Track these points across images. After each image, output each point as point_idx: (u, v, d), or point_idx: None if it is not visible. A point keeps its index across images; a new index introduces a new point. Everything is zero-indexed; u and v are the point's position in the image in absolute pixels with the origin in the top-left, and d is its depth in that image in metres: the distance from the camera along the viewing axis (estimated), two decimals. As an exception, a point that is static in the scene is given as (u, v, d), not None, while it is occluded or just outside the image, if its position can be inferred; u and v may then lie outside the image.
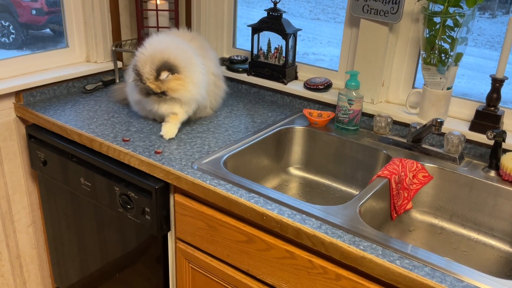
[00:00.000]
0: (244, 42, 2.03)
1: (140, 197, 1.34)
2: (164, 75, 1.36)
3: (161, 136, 1.44)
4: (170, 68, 1.38)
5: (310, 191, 1.54)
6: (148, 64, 1.38)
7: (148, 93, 1.41)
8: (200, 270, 1.34)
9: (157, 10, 1.82)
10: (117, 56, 1.91)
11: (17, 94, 1.66)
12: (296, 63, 1.81)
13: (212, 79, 1.59)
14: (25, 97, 1.67)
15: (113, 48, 1.86)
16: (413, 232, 1.34)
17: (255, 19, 1.78)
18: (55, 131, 1.54)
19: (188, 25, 1.97)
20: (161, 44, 1.42)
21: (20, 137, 1.72)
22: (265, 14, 1.75)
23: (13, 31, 2.69)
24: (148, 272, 1.50)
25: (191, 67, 1.43)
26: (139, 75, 1.39)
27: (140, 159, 1.32)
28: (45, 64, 1.80)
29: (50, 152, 1.58)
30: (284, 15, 1.73)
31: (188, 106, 1.47)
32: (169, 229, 1.39)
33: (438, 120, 1.27)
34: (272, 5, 1.73)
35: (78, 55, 1.90)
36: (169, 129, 1.45)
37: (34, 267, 1.93)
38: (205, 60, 1.54)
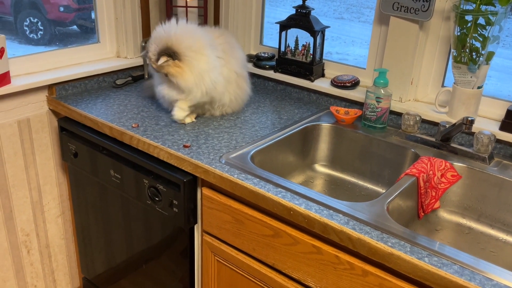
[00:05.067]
0: (267, 40, 2.04)
1: (168, 189, 1.37)
2: (161, 60, 1.39)
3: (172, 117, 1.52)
4: (171, 54, 1.40)
5: (336, 189, 1.54)
6: (154, 44, 1.41)
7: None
8: (226, 263, 1.36)
9: (186, 6, 1.84)
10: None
11: (50, 87, 1.71)
12: (323, 61, 1.81)
13: (234, 77, 1.58)
14: (58, 91, 1.71)
15: (143, 44, 1.89)
16: (440, 231, 1.33)
17: (278, 18, 1.79)
18: (87, 124, 1.58)
19: (216, 21, 1.99)
20: (176, 29, 1.43)
21: (52, 129, 1.77)
22: (288, 13, 1.76)
23: (41, 28, 2.75)
24: (173, 265, 1.52)
25: (196, 57, 1.43)
26: (147, 52, 1.44)
27: (169, 152, 1.35)
28: (77, 59, 1.84)
29: (81, 144, 1.62)
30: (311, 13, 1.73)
31: (189, 94, 1.47)
32: (195, 222, 1.41)
33: (469, 119, 1.26)
34: (300, 2, 1.73)
35: (108, 50, 1.94)
36: (176, 112, 1.51)
37: (62, 257, 1.98)
38: (226, 56, 1.54)
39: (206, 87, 1.46)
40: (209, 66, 1.46)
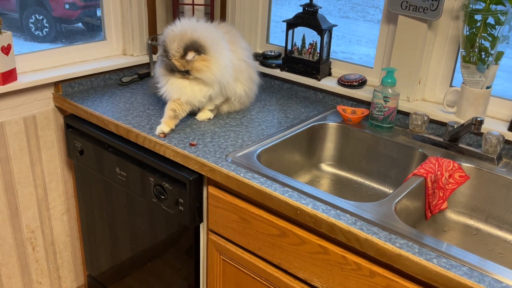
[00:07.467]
0: (273, 39, 2.03)
1: (174, 188, 1.36)
2: (190, 55, 1.37)
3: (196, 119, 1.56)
4: (198, 48, 1.39)
5: (342, 188, 1.53)
6: (177, 41, 1.39)
7: (172, 70, 1.43)
8: (231, 262, 1.35)
9: (193, 4, 1.84)
10: (152, 49, 1.93)
11: (56, 84, 1.70)
12: (330, 59, 1.80)
13: (244, 66, 1.57)
14: (64, 88, 1.71)
15: (149, 42, 1.88)
16: (448, 232, 1.32)
17: (283, 16, 1.79)
18: (93, 122, 1.58)
19: (223, 19, 1.98)
20: (192, 25, 1.44)
21: (58, 126, 1.77)
22: (294, 12, 1.75)
23: (46, 25, 2.75)
24: (178, 263, 1.52)
25: (218, 49, 1.43)
26: (166, 51, 1.41)
27: (175, 150, 1.34)
28: (83, 56, 1.84)
29: (87, 142, 1.62)
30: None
31: (211, 90, 1.47)
32: (201, 221, 1.40)
33: (478, 119, 1.25)
34: (307, 1, 1.72)
35: (115, 48, 1.94)
36: (204, 113, 1.55)
37: (67, 254, 1.98)
38: (233, 46, 1.53)
39: (226, 81, 1.47)
40: (227, 61, 1.46)
